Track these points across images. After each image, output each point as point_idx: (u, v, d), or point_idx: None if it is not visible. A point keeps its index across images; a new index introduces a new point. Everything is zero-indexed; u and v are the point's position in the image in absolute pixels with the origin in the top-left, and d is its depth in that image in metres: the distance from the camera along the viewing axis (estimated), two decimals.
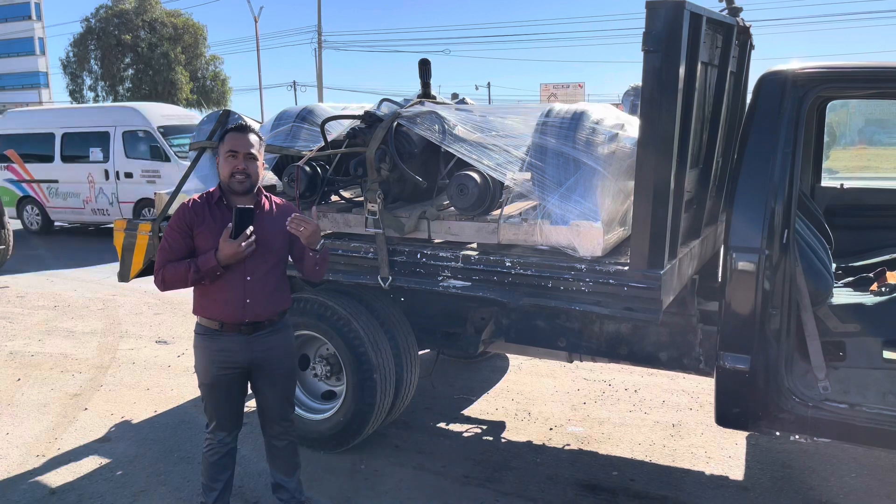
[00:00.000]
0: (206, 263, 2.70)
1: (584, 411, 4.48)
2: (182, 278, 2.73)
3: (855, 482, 3.52)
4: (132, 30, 33.03)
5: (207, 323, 2.85)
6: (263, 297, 2.82)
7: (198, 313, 2.87)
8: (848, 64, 3.14)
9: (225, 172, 2.77)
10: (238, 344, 2.82)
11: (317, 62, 35.62)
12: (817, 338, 3.00)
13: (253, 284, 2.79)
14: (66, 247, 11.64)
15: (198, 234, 2.76)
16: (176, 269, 2.74)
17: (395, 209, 3.54)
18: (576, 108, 3.17)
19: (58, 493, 3.54)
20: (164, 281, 2.77)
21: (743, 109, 3.91)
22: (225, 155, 2.76)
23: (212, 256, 2.70)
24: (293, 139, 4.13)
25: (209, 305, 2.82)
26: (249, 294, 2.79)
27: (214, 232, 2.74)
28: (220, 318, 2.81)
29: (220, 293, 2.78)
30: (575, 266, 2.97)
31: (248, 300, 2.79)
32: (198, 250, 2.77)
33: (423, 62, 4.06)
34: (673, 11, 2.59)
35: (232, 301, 2.78)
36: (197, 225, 2.77)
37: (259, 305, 2.82)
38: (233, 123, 4.25)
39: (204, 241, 2.76)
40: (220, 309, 2.80)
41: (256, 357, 2.86)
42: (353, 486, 3.55)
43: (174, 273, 2.74)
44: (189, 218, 2.78)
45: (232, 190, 2.79)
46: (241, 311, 2.79)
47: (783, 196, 2.92)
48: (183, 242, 2.77)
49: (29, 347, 5.96)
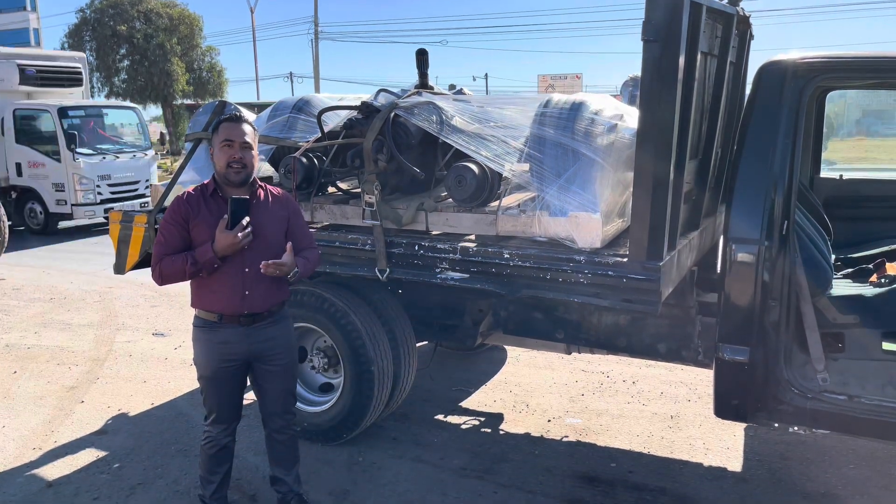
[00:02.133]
0: (204, 255, 2.68)
1: (582, 403, 4.47)
2: (180, 271, 2.71)
3: (853, 473, 3.52)
4: (127, 20, 32.76)
5: (206, 315, 2.83)
6: (262, 288, 2.80)
7: (196, 306, 2.85)
8: (848, 54, 3.12)
9: (221, 162, 2.74)
10: (237, 336, 2.81)
11: (313, 53, 35.54)
12: (816, 329, 3.00)
13: (251, 275, 2.76)
14: (63, 238, 11.59)
15: (194, 226, 2.74)
16: (173, 262, 2.71)
17: (392, 201, 3.52)
18: (574, 99, 3.15)
19: (55, 485, 3.53)
20: (162, 275, 2.75)
21: (742, 100, 3.89)
22: (220, 145, 2.73)
23: (209, 248, 2.67)
24: (290, 130, 4.10)
25: (208, 297, 2.80)
26: (248, 285, 2.77)
27: (210, 224, 2.72)
28: (219, 310, 2.79)
29: (218, 285, 2.76)
30: (574, 257, 2.95)
31: (247, 291, 2.78)
32: (194, 243, 2.75)
33: (421, 52, 4.04)
34: (673, 1, 2.57)
35: (230, 292, 2.76)
36: (193, 217, 2.74)
37: (258, 297, 2.80)
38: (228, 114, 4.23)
39: (200, 233, 2.73)
40: (218, 301, 2.78)
41: (256, 349, 2.85)
42: (351, 478, 3.54)
43: (172, 267, 2.72)
44: (185, 210, 2.75)
45: (228, 180, 2.76)
46: (240, 302, 2.77)
47: (783, 187, 2.91)
48: (179, 236, 2.75)
49: (25, 340, 5.94)
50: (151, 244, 4.19)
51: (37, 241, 11.40)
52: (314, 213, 3.67)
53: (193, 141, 4.31)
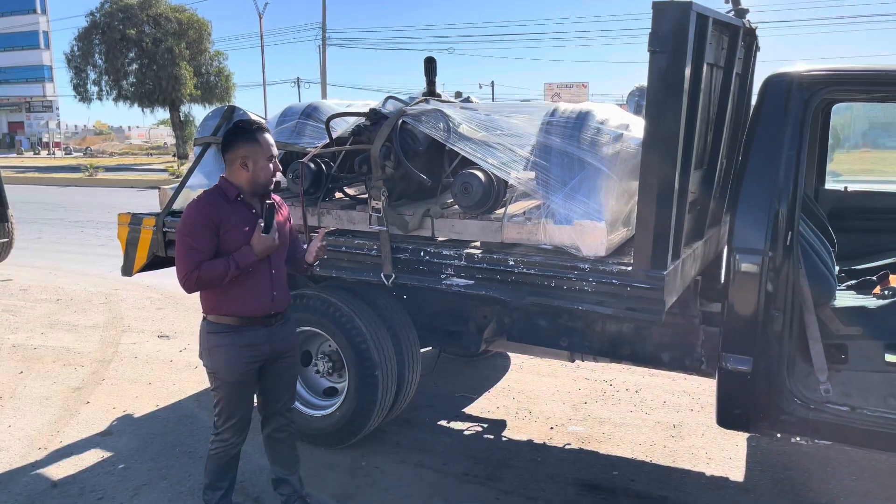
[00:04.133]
0: (246, 259, 2.71)
1: (584, 411, 4.48)
2: (221, 276, 2.68)
3: (855, 485, 3.52)
4: (137, 25, 32.99)
5: (229, 320, 2.81)
6: (284, 287, 2.93)
7: (216, 312, 2.82)
8: (854, 67, 3.13)
9: (266, 177, 2.78)
10: (262, 336, 2.85)
11: (321, 59, 35.66)
12: (819, 340, 3.00)
13: (277, 276, 2.88)
14: (70, 240, 11.65)
15: (224, 232, 2.74)
16: (214, 267, 2.68)
17: (399, 207, 3.55)
18: (581, 108, 3.17)
19: (60, 485, 3.55)
20: (200, 281, 2.69)
21: (748, 111, 3.91)
22: (265, 159, 2.77)
23: (250, 252, 2.71)
24: (298, 136, 4.13)
25: (233, 302, 2.79)
26: (276, 286, 2.86)
27: (240, 229, 2.75)
28: (248, 313, 2.81)
29: (250, 288, 2.79)
30: (578, 265, 2.97)
31: (275, 292, 2.86)
32: (223, 248, 2.74)
33: (429, 60, 4.07)
34: (680, 12, 2.59)
35: (261, 294, 2.82)
36: (223, 223, 2.74)
37: (283, 296, 2.92)
38: (238, 119, 4.26)
39: (231, 238, 2.74)
40: (249, 303, 2.80)
41: (277, 347, 2.91)
42: (353, 483, 3.55)
43: (211, 272, 2.68)
44: (215, 216, 2.73)
45: (264, 190, 2.82)
46: (270, 303, 2.84)
47: (787, 198, 2.92)
48: (212, 241, 2.72)
49: (31, 340, 5.97)
50: (159, 247, 4.23)
51: (44, 242, 11.45)
52: (321, 217, 3.70)
53: (202, 145, 4.35)
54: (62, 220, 13.66)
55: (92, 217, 14.15)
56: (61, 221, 13.61)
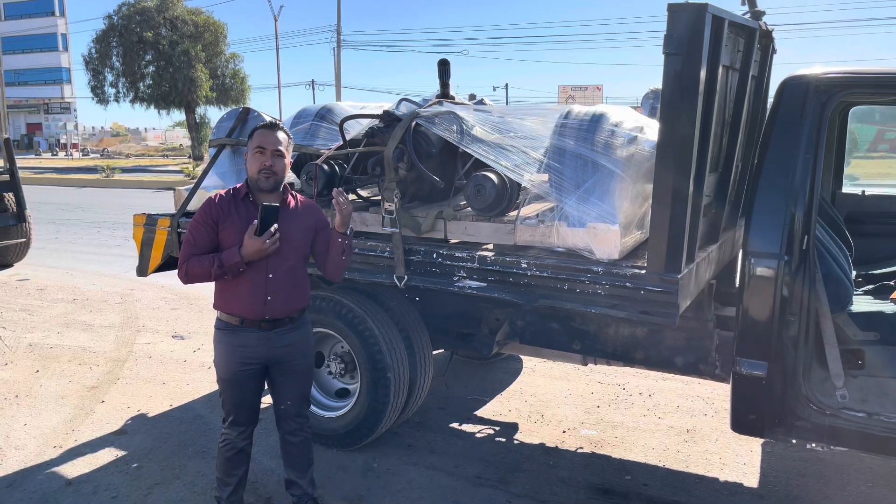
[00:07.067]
0: (230, 259, 2.72)
1: (597, 415, 4.46)
2: (205, 272, 2.75)
3: (871, 492, 3.48)
4: (154, 27, 33.30)
5: (227, 318, 2.86)
6: (284, 294, 2.84)
7: (219, 308, 2.89)
8: (871, 69, 3.10)
9: (253, 168, 2.79)
10: (257, 340, 2.84)
11: (335, 61, 35.81)
12: (836, 345, 2.97)
13: (275, 281, 2.81)
14: (86, 241, 11.76)
15: (223, 229, 2.78)
16: (200, 263, 2.76)
17: (411, 209, 3.55)
18: (595, 111, 3.16)
19: (74, 484, 3.58)
20: (188, 274, 2.79)
21: (764, 114, 3.88)
22: (253, 151, 2.78)
23: (236, 252, 2.72)
24: (312, 137, 4.16)
25: (230, 301, 2.83)
26: (271, 291, 2.81)
27: (239, 227, 2.76)
28: (241, 314, 2.82)
29: (241, 289, 2.80)
30: (591, 268, 2.96)
31: (269, 297, 2.81)
32: (222, 245, 2.79)
33: (443, 62, 4.07)
34: (695, 15, 2.58)
35: (253, 297, 2.80)
36: (223, 220, 2.78)
37: (279, 303, 2.84)
38: (252, 120, 4.29)
39: (228, 236, 2.77)
40: (241, 305, 2.82)
41: (275, 354, 2.88)
42: (365, 484, 3.56)
43: (198, 267, 2.76)
44: (215, 212, 2.80)
45: (259, 187, 2.81)
46: (262, 307, 2.81)
47: (803, 202, 2.90)
48: (208, 237, 2.79)
49: (48, 339, 6.03)
50: (174, 247, 4.26)
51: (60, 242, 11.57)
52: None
53: (217, 147, 4.38)
54: (79, 221, 13.80)
55: (108, 218, 14.28)
56: (78, 222, 13.75)
